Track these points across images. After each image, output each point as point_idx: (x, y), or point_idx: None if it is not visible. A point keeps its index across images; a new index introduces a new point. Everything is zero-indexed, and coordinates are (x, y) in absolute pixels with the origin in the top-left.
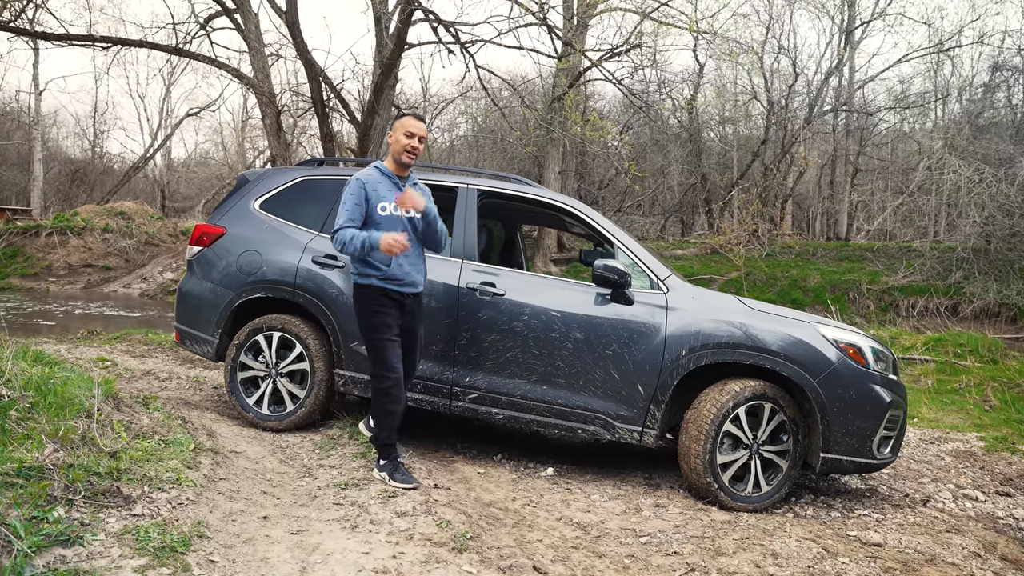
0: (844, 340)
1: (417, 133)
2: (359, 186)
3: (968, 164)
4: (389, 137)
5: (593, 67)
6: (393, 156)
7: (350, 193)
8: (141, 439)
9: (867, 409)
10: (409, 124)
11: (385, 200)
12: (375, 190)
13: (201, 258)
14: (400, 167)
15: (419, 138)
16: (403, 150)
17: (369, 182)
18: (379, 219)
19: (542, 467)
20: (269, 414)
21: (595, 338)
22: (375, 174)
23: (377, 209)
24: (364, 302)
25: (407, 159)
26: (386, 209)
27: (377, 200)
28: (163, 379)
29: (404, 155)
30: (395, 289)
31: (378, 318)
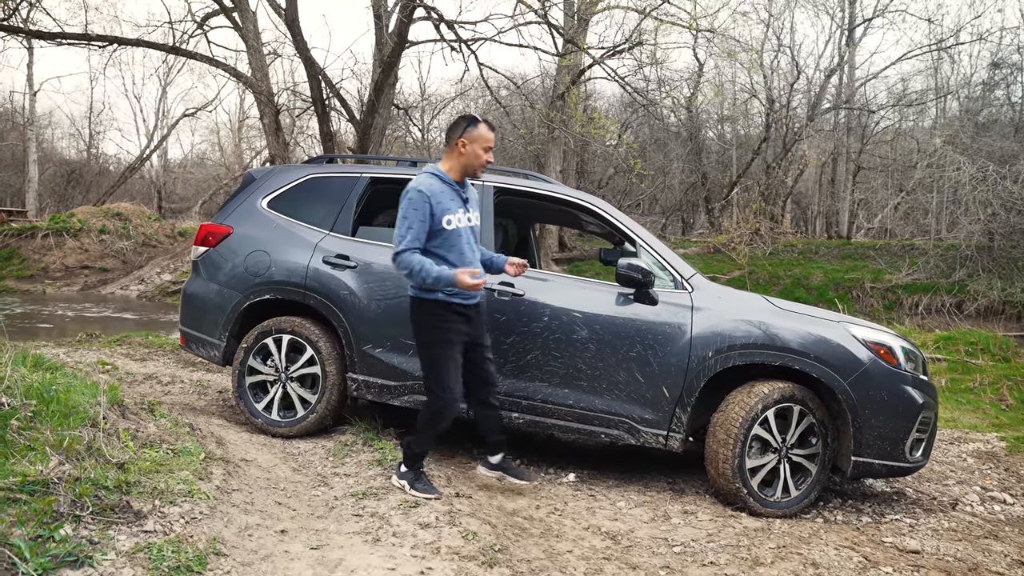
0: (875, 340)
1: (492, 145)
2: (423, 200)
3: (972, 161)
4: (460, 145)
5: (595, 64)
6: (465, 168)
7: (413, 208)
8: (149, 448)
9: (899, 411)
10: (489, 138)
11: (450, 212)
12: (439, 202)
13: (207, 259)
14: (463, 176)
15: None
16: (481, 165)
17: (433, 194)
18: (445, 233)
19: (563, 472)
20: (279, 420)
21: (618, 339)
22: (436, 183)
23: (443, 223)
24: (427, 317)
25: (480, 172)
26: (452, 222)
27: (442, 213)
28: (166, 383)
29: (480, 169)
30: (460, 303)
31: (441, 334)
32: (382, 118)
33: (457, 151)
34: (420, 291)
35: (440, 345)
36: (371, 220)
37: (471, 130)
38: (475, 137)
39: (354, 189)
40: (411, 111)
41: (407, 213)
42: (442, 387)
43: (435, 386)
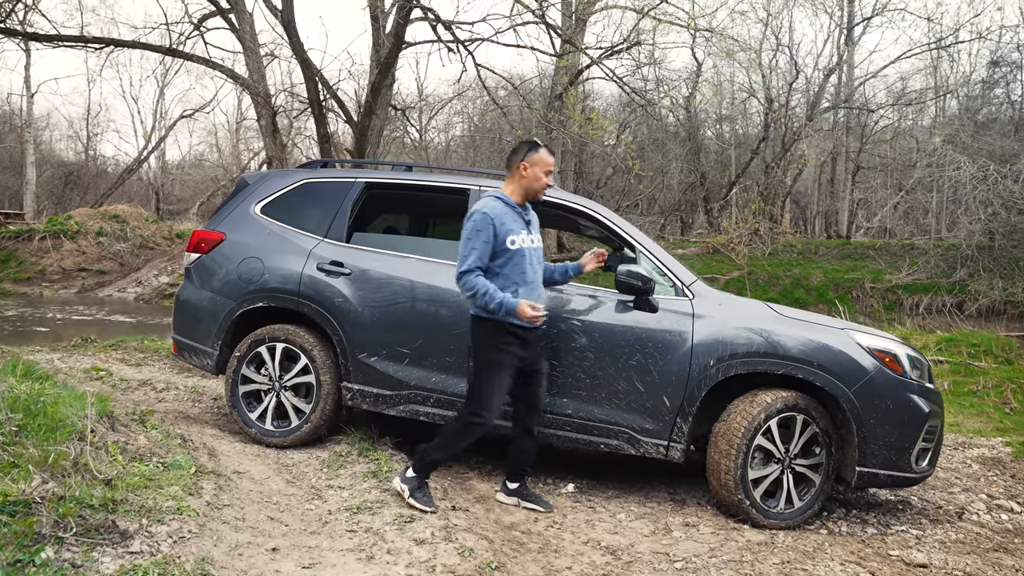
0: (880, 348)
1: (551, 169)
2: (487, 221)
3: (972, 160)
4: (521, 169)
5: (593, 65)
6: (526, 191)
7: (477, 229)
8: (138, 462)
9: (905, 420)
10: (549, 162)
11: (513, 233)
12: (503, 223)
13: (200, 265)
14: (525, 198)
15: (550, 173)
16: (542, 189)
17: (496, 215)
18: (509, 252)
19: (562, 483)
20: (273, 430)
21: (618, 348)
22: (499, 206)
23: (506, 243)
24: (487, 337)
25: (542, 195)
26: (515, 243)
27: (505, 234)
28: (160, 390)
29: (540, 193)
30: (520, 325)
31: (498, 355)
32: (379, 119)
33: (518, 174)
34: (484, 311)
35: (494, 366)
36: (366, 226)
37: (532, 154)
38: (535, 161)
39: (349, 194)
40: (409, 112)
41: (471, 235)
42: (483, 406)
43: (476, 404)
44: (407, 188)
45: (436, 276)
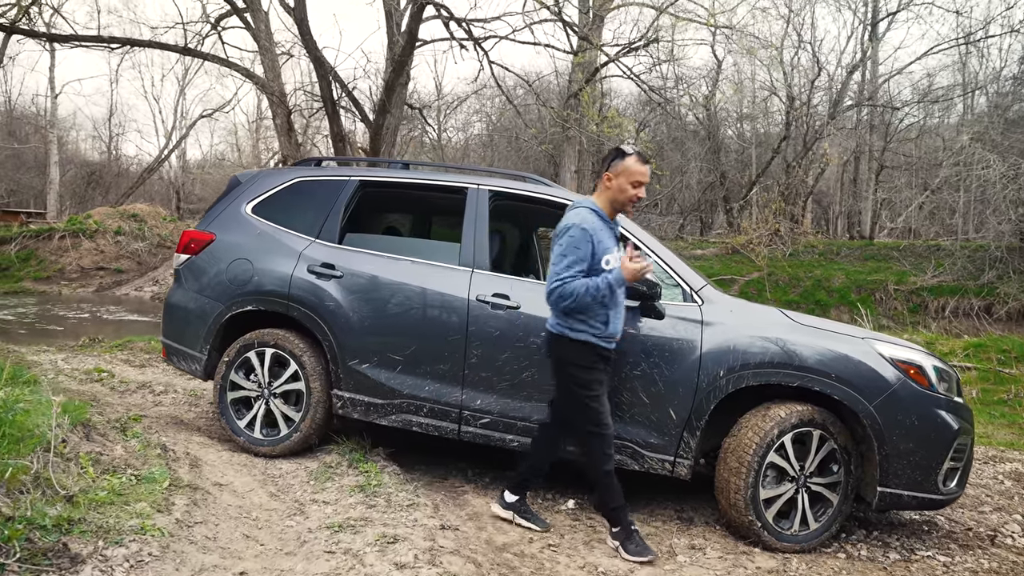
0: (903, 358)
1: (645, 180)
2: (586, 237)
3: (1002, 159)
4: (606, 179)
5: (611, 62)
6: (612, 203)
7: (575, 246)
8: (111, 475)
9: (931, 437)
10: (638, 172)
11: (609, 251)
12: (600, 240)
13: (189, 267)
14: (616, 212)
15: (644, 186)
16: (629, 200)
17: (595, 231)
18: (603, 273)
19: (561, 498)
20: (262, 438)
21: (621, 356)
22: (596, 221)
23: (602, 262)
24: (577, 360)
25: (631, 208)
26: (609, 263)
27: (602, 252)
28: (158, 392)
29: (629, 205)
30: (607, 347)
31: (592, 375)
32: (394, 118)
33: (603, 185)
34: (568, 330)
35: (592, 387)
36: (360, 226)
37: (617, 163)
38: (621, 170)
39: (342, 193)
40: (425, 111)
41: (567, 251)
42: (601, 424)
43: (594, 426)
44: (403, 187)
45: (431, 279)
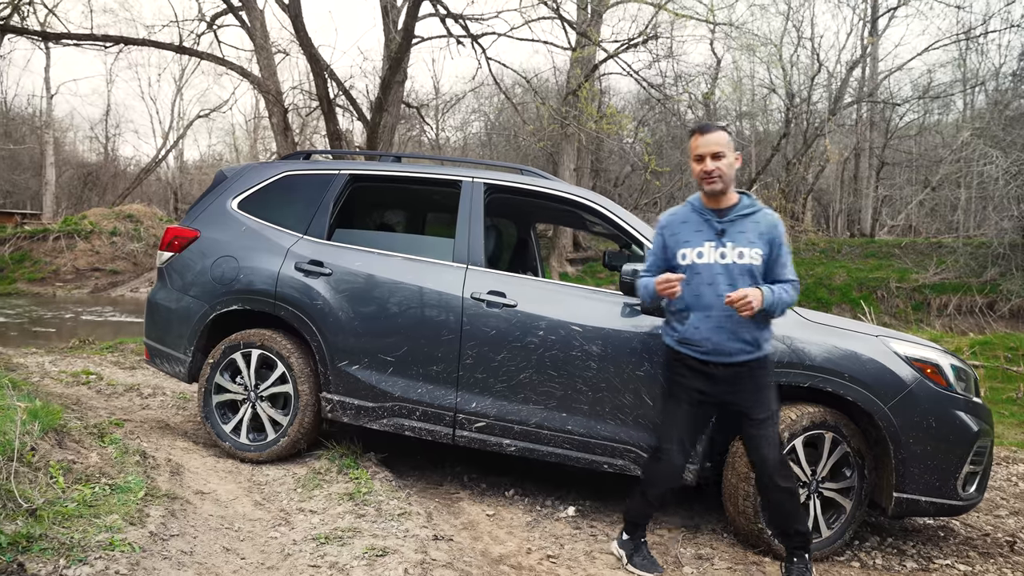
0: (920, 357)
1: (706, 151)
2: (658, 232)
3: (1005, 155)
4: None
5: (609, 59)
6: (700, 187)
7: (651, 240)
8: (83, 485)
9: (950, 440)
10: (694, 144)
11: (688, 245)
12: (675, 233)
13: (173, 265)
14: (710, 198)
15: (713, 156)
16: (699, 180)
17: (670, 225)
18: (681, 268)
19: (561, 505)
20: (248, 443)
21: (623, 356)
22: (681, 213)
23: (677, 257)
24: (665, 364)
25: (708, 187)
26: (687, 257)
27: (677, 246)
28: (146, 396)
29: (704, 183)
30: (691, 355)
31: (672, 385)
32: (391, 116)
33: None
34: (662, 333)
35: (669, 396)
36: (350, 222)
37: (689, 143)
38: (689, 149)
39: (330, 188)
40: (423, 110)
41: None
42: (659, 438)
43: (657, 437)
44: (395, 181)
45: (424, 276)
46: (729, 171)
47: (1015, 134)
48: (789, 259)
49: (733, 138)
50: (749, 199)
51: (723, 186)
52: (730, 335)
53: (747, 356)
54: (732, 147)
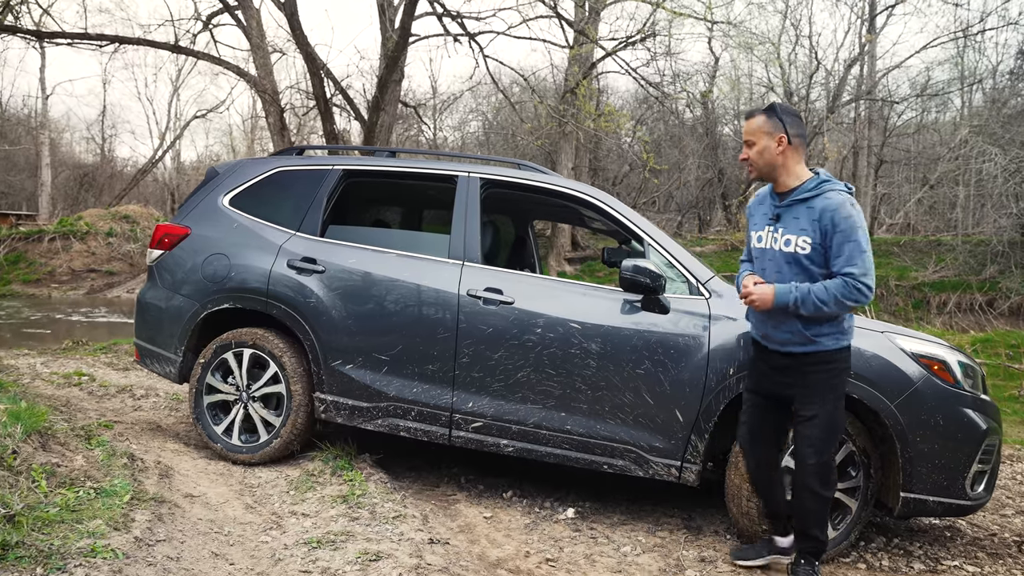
0: (926, 353)
1: (745, 140)
2: (748, 212)
3: (1004, 152)
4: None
5: (607, 57)
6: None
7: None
8: (67, 488)
9: (958, 438)
10: (743, 132)
11: (756, 228)
12: (751, 215)
13: (163, 263)
14: (778, 184)
15: (746, 143)
16: (743, 165)
17: (751, 207)
18: (755, 252)
19: (561, 507)
20: (240, 445)
21: (623, 354)
22: (762, 194)
23: (753, 239)
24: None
25: (750, 174)
26: (762, 240)
27: (750, 228)
28: (139, 397)
29: (749, 170)
30: (759, 341)
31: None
32: (388, 115)
33: None
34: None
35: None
36: (344, 218)
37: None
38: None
39: (324, 183)
40: (421, 109)
41: None
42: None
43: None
44: (389, 176)
45: (419, 273)
46: (762, 158)
47: (1014, 131)
48: (854, 249)
49: (778, 118)
50: (815, 181)
51: (756, 173)
52: (776, 324)
53: (798, 348)
54: (769, 131)
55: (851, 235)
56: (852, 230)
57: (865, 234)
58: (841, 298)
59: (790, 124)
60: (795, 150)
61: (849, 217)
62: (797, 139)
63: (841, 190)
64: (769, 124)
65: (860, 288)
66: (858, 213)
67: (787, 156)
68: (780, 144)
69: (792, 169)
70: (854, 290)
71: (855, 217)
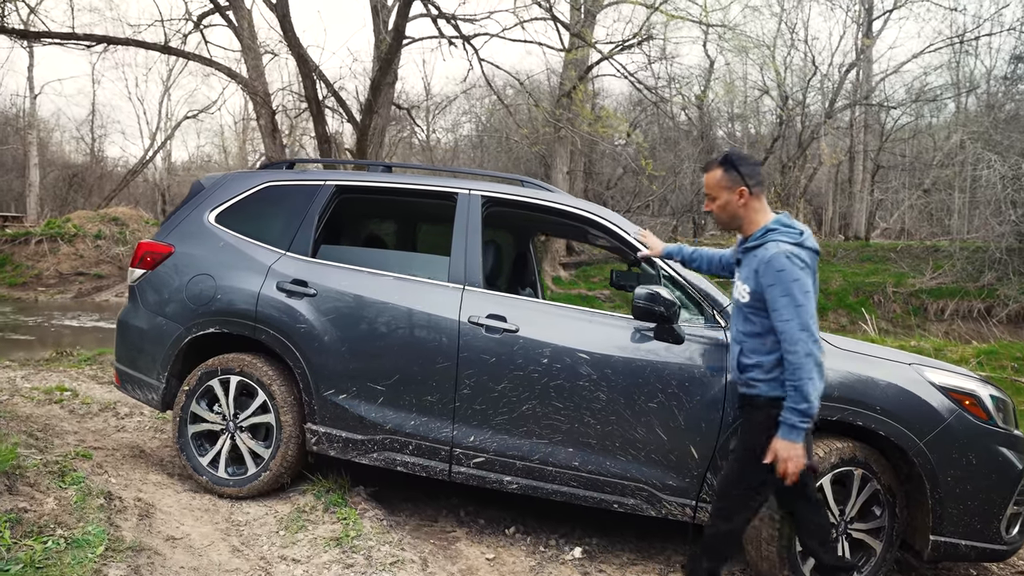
0: (957, 387)
1: (705, 192)
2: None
3: (1003, 159)
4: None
5: (603, 61)
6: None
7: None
8: (34, 539)
9: (992, 479)
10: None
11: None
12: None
13: (145, 283)
14: (742, 231)
15: (709, 198)
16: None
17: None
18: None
19: (567, 545)
20: (226, 478)
21: (635, 386)
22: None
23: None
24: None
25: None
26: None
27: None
28: (123, 416)
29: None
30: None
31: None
32: (382, 118)
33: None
34: None
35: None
36: (336, 237)
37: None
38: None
39: (316, 200)
40: (414, 111)
41: None
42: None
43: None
44: (385, 192)
45: (417, 298)
46: (725, 211)
47: (1013, 138)
48: (788, 303)
49: (736, 171)
50: (763, 229)
51: (723, 225)
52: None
53: (745, 390)
54: (729, 185)
55: (785, 288)
56: (784, 283)
57: (802, 285)
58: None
59: (748, 174)
60: (756, 198)
61: (782, 270)
62: (757, 188)
63: (782, 240)
64: (727, 178)
65: (796, 340)
66: (794, 266)
67: (749, 207)
68: (742, 196)
69: (753, 218)
70: (793, 344)
71: (788, 270)
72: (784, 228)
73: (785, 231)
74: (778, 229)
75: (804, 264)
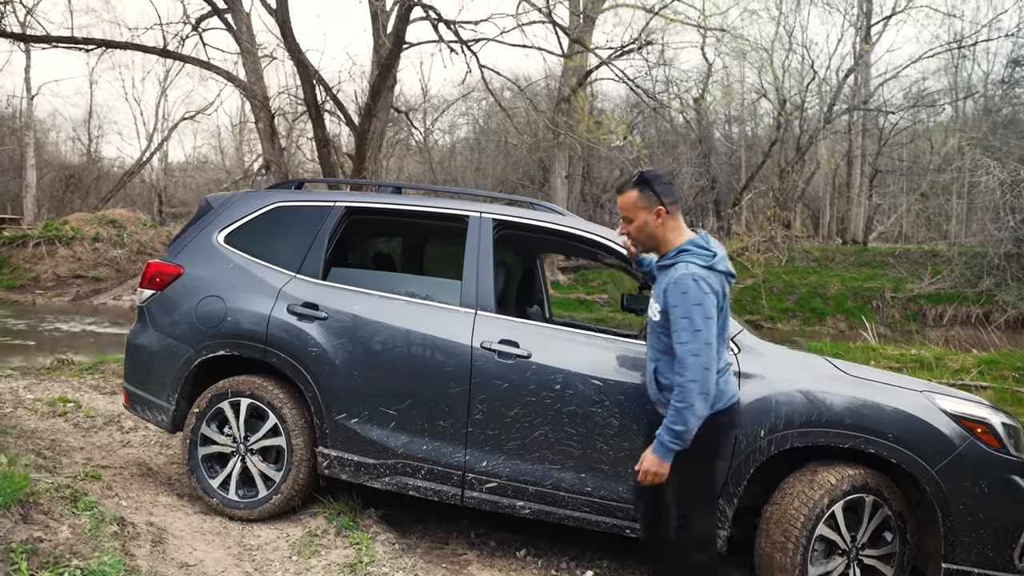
0: (969, 415)
1: (621, 214)
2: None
3: (1002, 165)
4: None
5: (603, 65)
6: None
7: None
8: (50, 570)
9: (1005, 507)
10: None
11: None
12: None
13: (154, 304)
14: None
15: (624, 220)
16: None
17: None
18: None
19: (578, 568)
20: (237, 500)
21: (649, 412)
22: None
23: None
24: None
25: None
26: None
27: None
28: (127, 430)
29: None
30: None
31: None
32: (380, 122)
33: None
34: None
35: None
36: (347, 260)
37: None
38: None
39: (326, 221)
40: (412, 113)
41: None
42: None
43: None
44: (395, 214)
45: (429, 322)
46: (643, 232)
47: (1011, 143)
48: (686, 327)
49: (651, 191)
50: (676, 250)
51: (641, 247)
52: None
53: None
54: (645, 205)
55: (687, 311)
56: (686, 306)
57: (704, 311)
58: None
59: (664, 193)
60: (672, 217)
61: (686, 292)
62: (673, 206)
63: (692, 262)
64: (643, 199)
65: (687, 366)
66: (699, 290)
67: (666, 226)
68: (659, 216)
69: (668, 237)
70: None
71: (692, 293)
72: (697, 249)
73: (698, 252)
74: (691, 250)
75: (710, 289)
